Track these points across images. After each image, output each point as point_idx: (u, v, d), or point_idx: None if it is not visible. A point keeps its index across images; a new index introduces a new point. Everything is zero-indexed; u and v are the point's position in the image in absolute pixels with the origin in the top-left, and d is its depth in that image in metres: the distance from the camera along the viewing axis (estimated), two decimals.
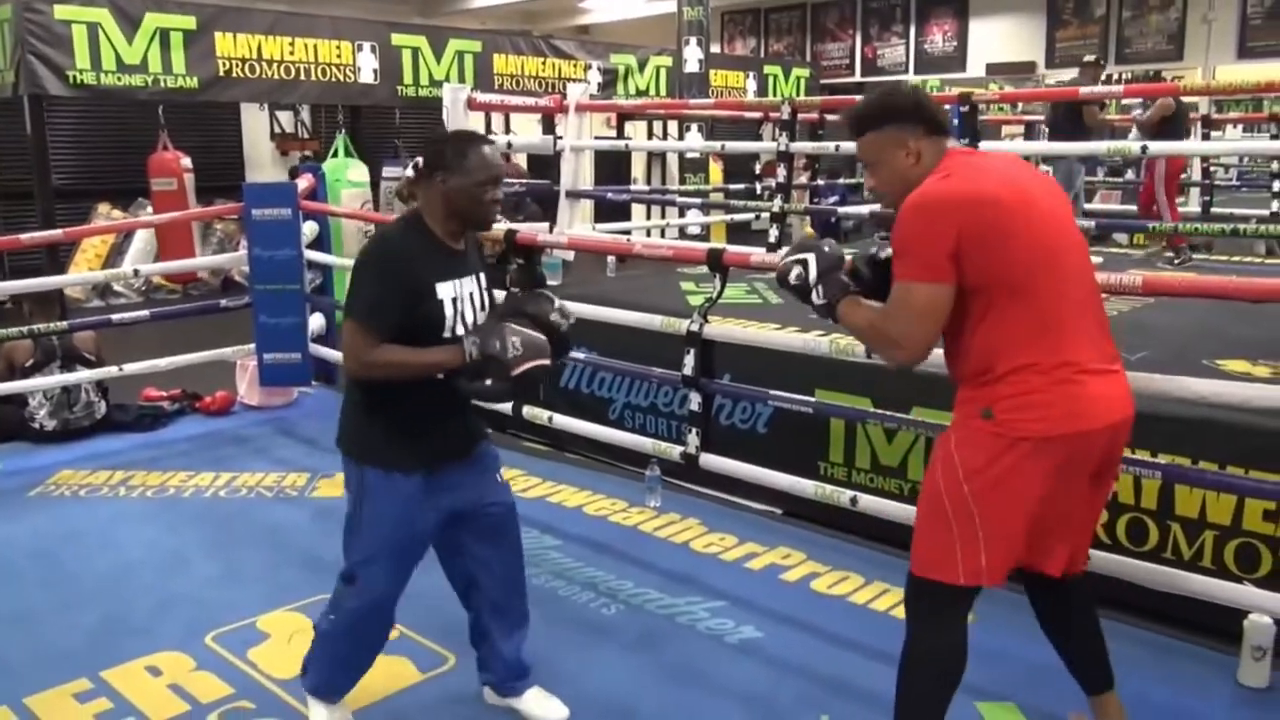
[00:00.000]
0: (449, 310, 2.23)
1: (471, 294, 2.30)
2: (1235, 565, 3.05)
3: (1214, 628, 2.87)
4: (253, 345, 5.37)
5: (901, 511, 3.32)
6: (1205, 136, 8.01)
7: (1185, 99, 7.49)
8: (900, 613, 3.06)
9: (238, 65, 8.23)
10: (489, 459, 2.46)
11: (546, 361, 2.21)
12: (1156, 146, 5.89)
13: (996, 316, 1.96)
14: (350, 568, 2.34)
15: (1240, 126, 10.48)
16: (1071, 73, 12.96)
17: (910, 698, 2.13)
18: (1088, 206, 8.36)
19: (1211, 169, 8.56)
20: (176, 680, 2.71)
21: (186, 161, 8.71)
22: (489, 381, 2.18)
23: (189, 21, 7.94)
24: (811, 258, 2.19)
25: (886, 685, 2.66)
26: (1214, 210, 7.64)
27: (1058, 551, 2.09)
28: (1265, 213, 7.39)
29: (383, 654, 2.81)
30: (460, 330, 2.25)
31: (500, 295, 2.47)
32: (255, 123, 11.27)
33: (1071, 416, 1.94)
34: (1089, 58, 7.76)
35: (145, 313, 5.59)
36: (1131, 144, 6.14)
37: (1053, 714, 2.52)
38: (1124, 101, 9.00)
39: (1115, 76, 12.91)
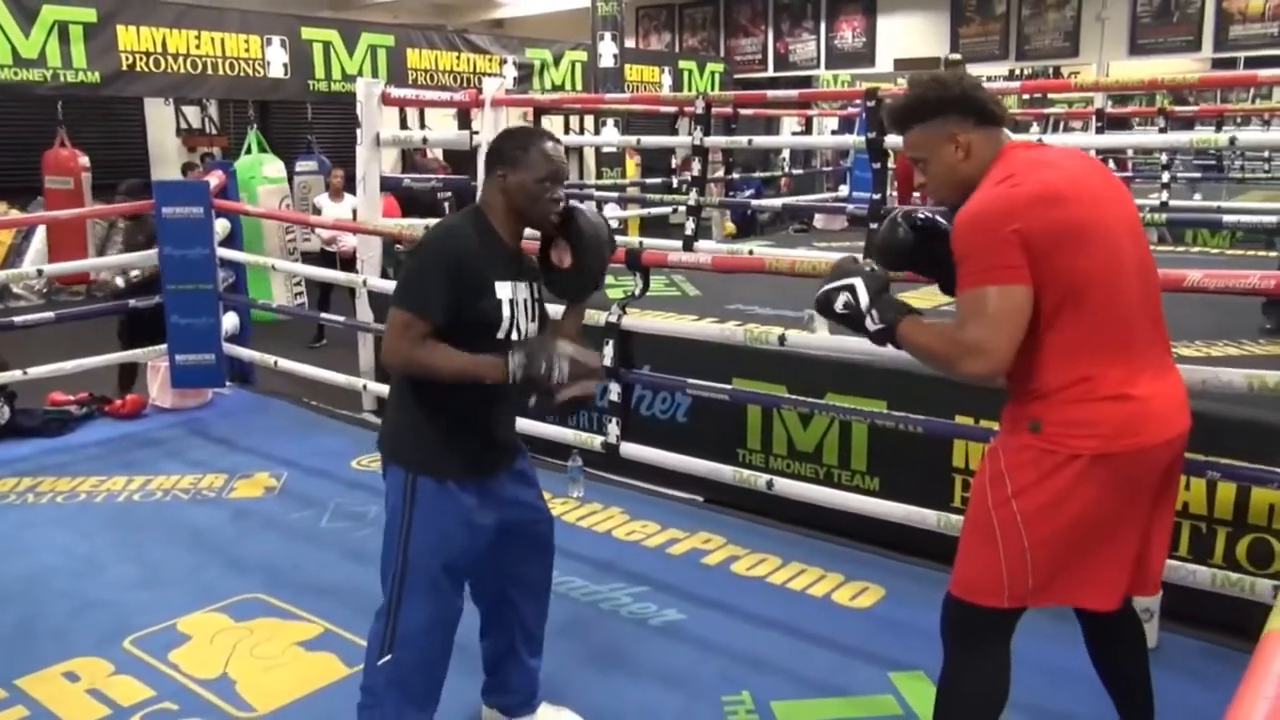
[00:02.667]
0: (506, 311, 2.11)
1: (526, 300, 2.18)
2: None
3: (1132, 622, 3.01)
4: (164, 346, 5.26)
5: (816, 494, 3.44)
6: (1100, 131, 8.37)
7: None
8: (817, 590, 3.22)
9: (141, 59, 8.03)
10: (531, 469, 2.36)
11: (593, 388, 2.09)
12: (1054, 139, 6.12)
13: (1055, 324, 1.81)
14: (395, 595, 2.12)
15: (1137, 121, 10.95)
16: (975, 68, 13.41)
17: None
18: None
19: (1106, 162, 8.95)
20: (95, 685, 2.67)
21: (84, 160, 8.45)
22: (532, 401, 2.09)
23: (89, 14, 7.71)
24: (859, 282, 2.00)
25: (803, 660, 2.79)
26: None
27: (1109, 582, 1.90)
28: (1156, 202, 7.76)
29: (305, 650, 2.85)
30: (515, 335, 2.13)
31: (555, 310, 2.34)
32: (160, 118, 10.99)
33: (1127, 433, 1.80)
34: (954, 56, 7.97)
35: (50, 314, 5.42)
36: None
37: None
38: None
39: (1017, 72, 13.39)
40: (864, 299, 1.98)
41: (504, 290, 2.11)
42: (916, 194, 2.30)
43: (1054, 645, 2.39)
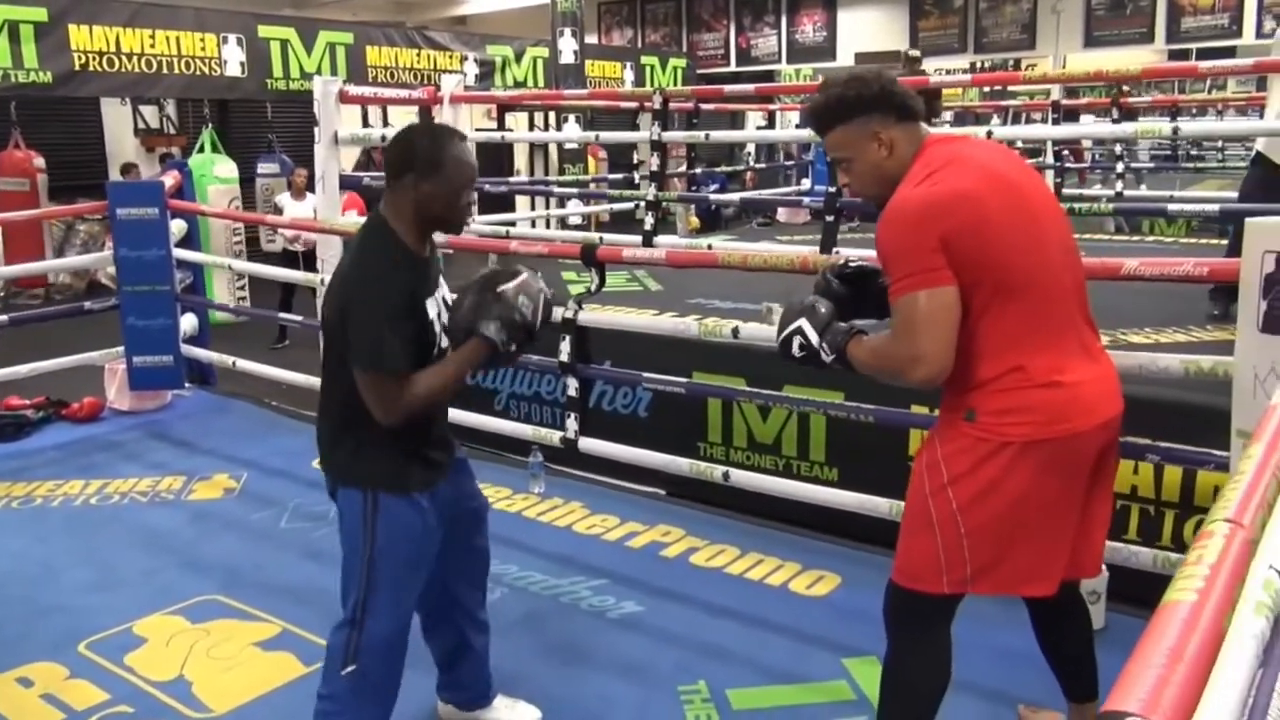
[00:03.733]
0: (436, 327, 2.08)
1: (443, 297, 2.15)
2: None
3: (1076, 600, 3.07)
4: (121, 349, 5.22)
5: (771, 485, 3.48)
6: (1055, 122, 8.47)
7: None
8: (774, 579, 3.26)
9: (94, 58, 7.92)
10: (464, 464, 2.35)
11: (545, 290, 2.08)
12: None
13: (985, 317, 1.83)
14: (360, 606, 2.08)
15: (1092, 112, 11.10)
16: (935, 61, 13.53)
17: (895, 710, 2.05)
18: None
19: (1063, 153, 9.06)
20: (49, 690, 2.65)
21: (40, 161, 8.33)
22: (514, 348, 2.07)
23: (39, 13, 7.59)
24: (804, 323, 2.02)
25: (759, 648, 2.82)
26: (1064, 191, 8.09)
27: (1048, 567, 1.92)
28: (1111, 193, 7.88)
29: (263, 650, 2.85)
30: (442, 344, 2.09)
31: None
32: (118, 118, 10.85)
33: (1059, 419, 1.83)
34: (913, 52, 8.03)
35: (3, 317, 5.35)
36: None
37: None
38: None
39: (978, 64, 13.52)
40: (813, 337, 2.01)
41: (431, 307, 2.08)
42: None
43: (1002, 629, 2.44)
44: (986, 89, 10.78)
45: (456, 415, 4.29)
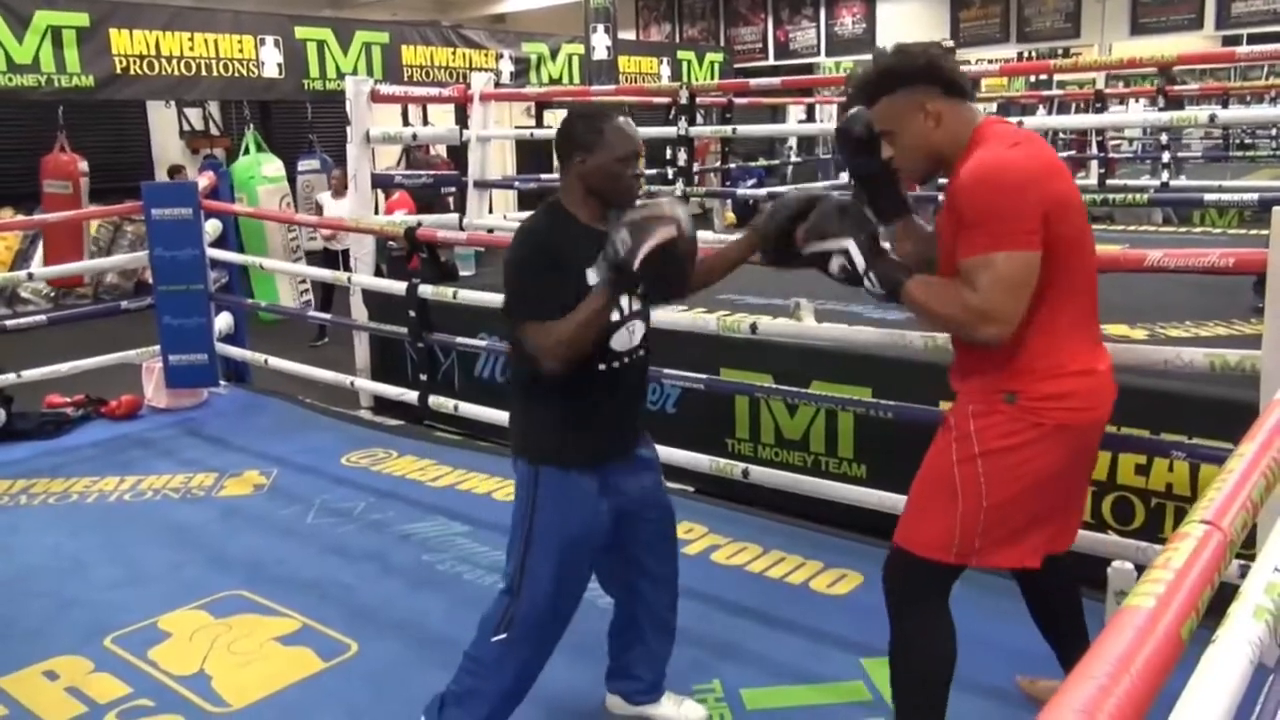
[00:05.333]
0: None
1: None
2: (1112, 519, 3.21)
3: (1081, 576, 3.01)
4: (158, 347, 5.30)
5: (793, 481, 3.44)
6: (1099, 111, 8.30)
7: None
8: (795, 578, 3.22)
9: (135, 62, 8.05)
10: (652, 460, 2.37)
11: (669, 230, 1.96)
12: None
13: (1044, 297, 1.82)
14: (518, 576, 2.16)
15: (1143, 100, 10.84)
16: (978, 52, 13.33)
17: (910, 686, 2.04)
18: None
19: (1108, 142, 8.87)
20: (74, 683, 2.70)
21: (84, 164, 8.48)
22: (640, 289, 2.05)
23: (82, 19, 7.73)
24: (852, 245, 1.94)
25: (775, 647, 2.79)
26: (1109, 182, 7.92)
27: (1043, 541, 1.99)
28: (1157, 183, 7.69)
29: (282, 645, 2.87)
30: (617, 316, 2.12)
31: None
32: (163, 121, 11.03)
33: (1092, 405, 1.89)
34: (947, 42, 7.92)
35: (42, 317, 5.47)
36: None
37: None
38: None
39: (1022, 55, 13.29)
40: (860, 262, 1.94)
41: (593, 276, 2.08)
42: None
43: (1006, 624, 2.40)
44: (1031, 78, 10.54)
45: (482, 413, 4.32)
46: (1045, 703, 1.70)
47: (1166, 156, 7.64)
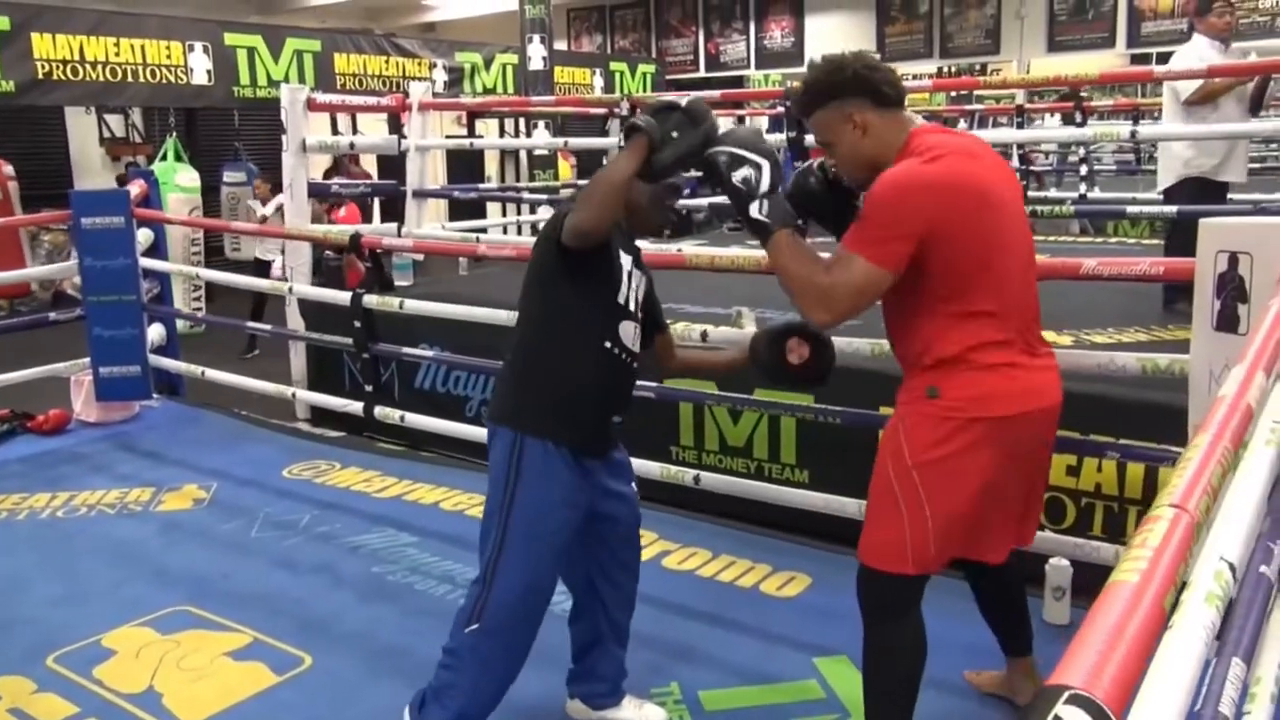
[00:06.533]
0: (624, 277, 2.17)
1: (637, 279, 2.23)
2: (1045, 517, 3.34)
3: (1016, 568, 3.13)
4: (87, 359, 5.17)
5: (742, 487, 3.50)
6: (1020, 126, 8.59)
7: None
8: (745, 581, 3.28)
9: (58, 67, 7.84)
10: (626, 464, 2.39)
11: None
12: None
13: (956, 298, 1.90)
14: (492, 565, 2.12)
15: (1057, 115, 11.24)
16: (902, 66, 13.65)
17: (879, 694, 2.08)
18: None
19: (1030, 155, 9.19)
20: (17, 704, 2.62)
21: (9, 169, 8.23)
22: (669, 161, 2.00)
23: (2, 22, 7.51)
24: (767, 166, 1.96)
25: (730, 649, 2.84)
26: (1031, 194, 8.20)
27: (999, 539, 2.07)
28: (1075, 195, 7.98)
29: (232, 660, 2.83)
30: (622, 300, 2.17)
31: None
32: (82, 127, 10.74)
33: (1016, 398, 1.93)
34: (872, 57, 8.15)
35: None
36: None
37: None
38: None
39: (944, 69, 13.68)
40: (763, 185, 1.96)
41: (622, 256, 2.18)
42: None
43: (966, 625, 2.48)
44: (953, 94, 10.89)
45: (428, 423, 4.31)
46: (991, 693, 1.77)
47: (1085, 169, 7.95)
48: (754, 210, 1.95)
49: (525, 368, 2.19)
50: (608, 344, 2.16)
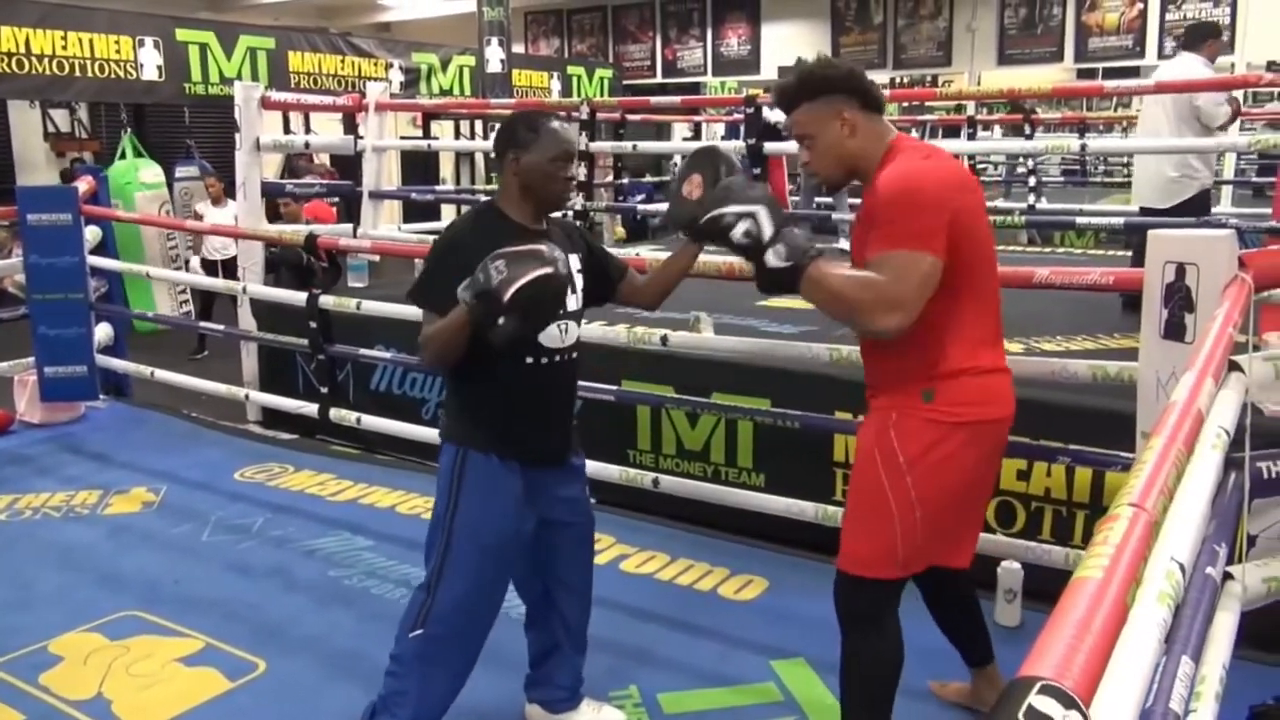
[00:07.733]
0: None
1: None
2: (995, 521, 3.40)
3: (969, 576, 3.18)
4: (31, 359, 5.05)
5: (700, 490, 3.52)
6: (971, 137, 8.73)
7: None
8: (703, 585, 3.30)
9: (2, 60, 7.64)
10: (579, 470, 2.39)
11: (544, 270, 1.92)
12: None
13: (954, 302, 1.90)
14: (437, 571, 2.14)
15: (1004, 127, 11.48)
16: None
17: (859, 702, 2.08)
18: None
19: (977, 167, 9.33)
20: None
21: None
22: (501, 321, 1.94)
23: None
24: (762, 211, 1.85)
25: (689, 653, 2.86)
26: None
27: (969, 542, 2.10)
28: (1024, 205, 8.13)
29: (184, 666, 2.78)
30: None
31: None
32: (25, 122, 10.49)
33: (1001, 403, 1.98)
34: None
35: None
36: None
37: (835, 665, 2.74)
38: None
39: (897, 80, 13.86)
40: (767, 230, 1.84)
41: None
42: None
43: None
44: (905, 104, 11.07)
45: (383, 425, 4.27)
46: (956, 704, 1.79)
47: (1034, 181, 8.11)
48: (771, 260, 1.84)
49: (453, 388, 2.25)
50: (529, 359, 2.16)
